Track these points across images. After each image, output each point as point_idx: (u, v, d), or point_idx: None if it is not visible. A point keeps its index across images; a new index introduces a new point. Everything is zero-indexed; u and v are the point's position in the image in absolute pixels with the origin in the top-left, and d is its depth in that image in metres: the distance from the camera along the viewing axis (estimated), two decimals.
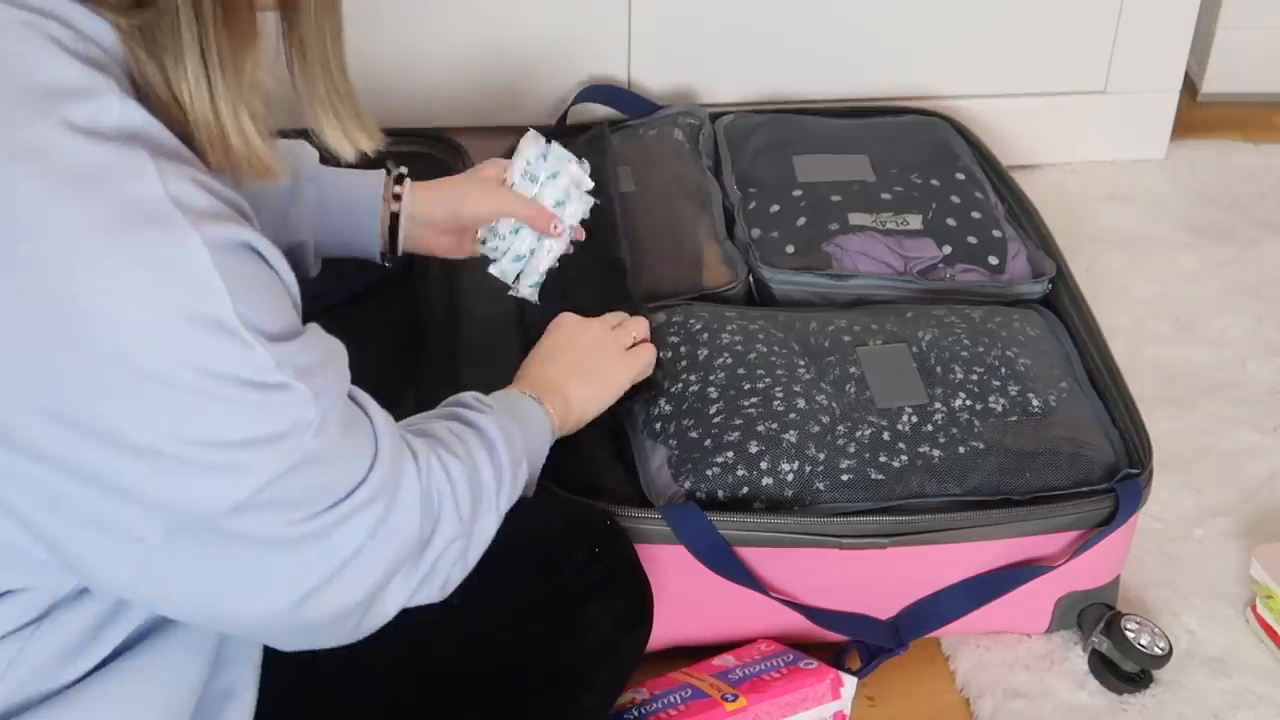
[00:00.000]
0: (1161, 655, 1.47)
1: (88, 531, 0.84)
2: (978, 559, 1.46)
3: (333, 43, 0.95)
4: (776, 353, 1.55)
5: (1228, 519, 1.70)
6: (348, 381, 0.94)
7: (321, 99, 0.96)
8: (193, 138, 0.87)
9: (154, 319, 0.80)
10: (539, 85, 2.07)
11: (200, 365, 0.81)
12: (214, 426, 0.83)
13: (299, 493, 0.88)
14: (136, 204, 0.80)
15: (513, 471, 1.12)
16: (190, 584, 0.89)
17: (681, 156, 1.90)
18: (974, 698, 1.49)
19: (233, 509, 0.85)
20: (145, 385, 0.80)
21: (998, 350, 1.57)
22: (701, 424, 1.47)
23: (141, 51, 0.85)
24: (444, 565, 1.02)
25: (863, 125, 1.97)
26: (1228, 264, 2.09)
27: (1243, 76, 2.41)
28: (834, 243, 1.74)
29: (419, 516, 0.98)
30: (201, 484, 0.84)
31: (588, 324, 1.40)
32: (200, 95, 0.86)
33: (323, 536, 0.91)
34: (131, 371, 0.80)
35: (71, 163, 0.80)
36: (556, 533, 1.25)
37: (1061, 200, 2.16)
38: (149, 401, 0.81)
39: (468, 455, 1.07)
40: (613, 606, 1.23)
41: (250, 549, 0.88)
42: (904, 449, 1.46)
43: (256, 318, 0.83)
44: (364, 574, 0.94)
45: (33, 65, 0.82)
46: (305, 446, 0.86)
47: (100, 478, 0.82)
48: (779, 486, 1.43)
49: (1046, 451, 1.47)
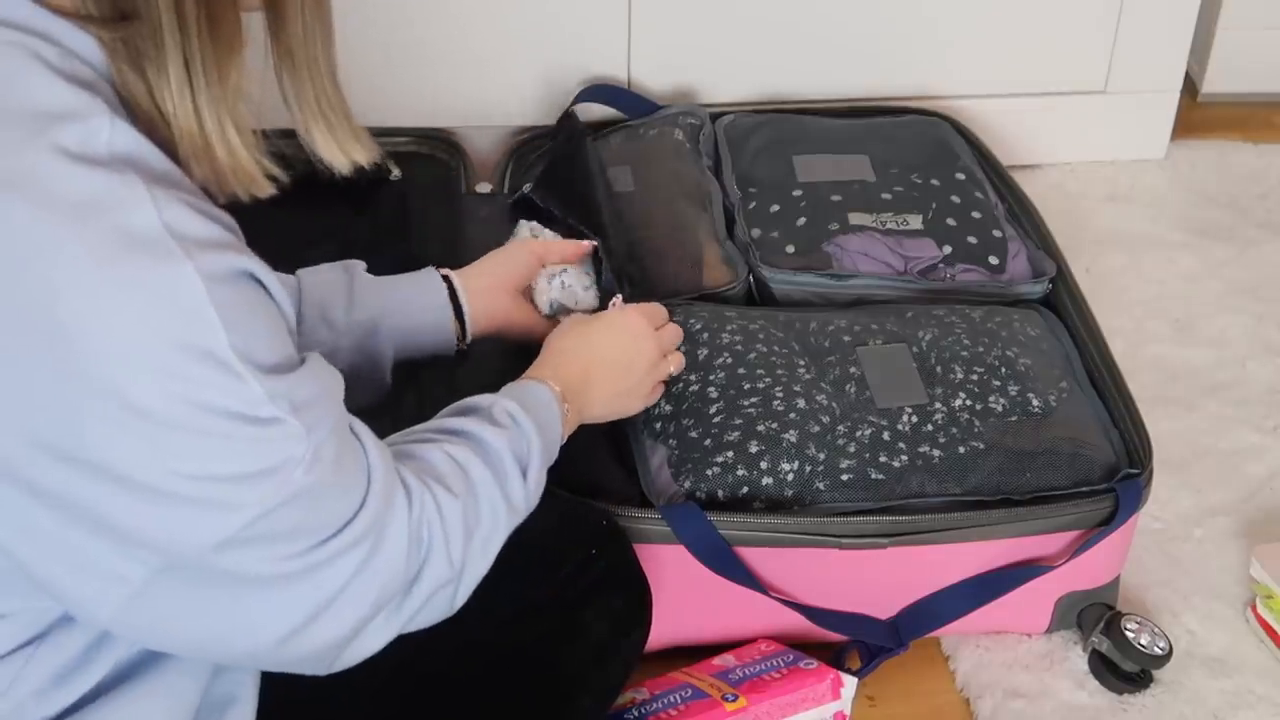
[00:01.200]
0: (1161, 655, 1.47)
1: (71, 569, 0.83)
2: (977, 559, 1.46)
3: (323, 49, 0.93)
4: (776, 352, 1.55)
5: (1228, 519, 1.70)
6: (343, 414, 0.92)
7: (311, 107, 0.94)
8: (176, 152, 0.86)
9: (145, 350, 0.79)
10: (539, 85, 2.07)
11: (191, 398, 0.80)
12: (203, 460, 0.82)
13: (287, 528, 0.87)
14: (130, 233, 0.79)
15: (526, 500, 1.09)
16: (173, 622, 0.87)
17: (682, 156, 1.90)
18: (974, 698, 1.49)
19: (220, 544, 0.84)
20: (135, 417, 0.79)
21: (998, 350, 1.57)
22: (701, 424, 1.47)
23: (125, 64, 0.84)
24: (431, 607, 1.00)
25: (863, 125, 1.97)
26: (1228, 264, 2.09)
27: (1243, 76, 2.41)
28: (834, 242, 1.74)
29: (404, 557, 0.96)
30: (188, 519, 0.82)
31: (639, 323, 1.36)
32: (184, 105, 0.85)
33: (310, 574, 0.89)
34: (122, 403, 0.79)
35: (64, 191, 0.78)
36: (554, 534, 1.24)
37: (1061, 200, 2.16)
38: (138, 433, 0.80)
39: (468, 490, 1.04)
40: (611, 608, 1.23)
41: (236, 587, 0.87)
42: (904, 449, 1.46)
43: (252, 350, 0.82)
44: (349, 611, 0.92)
45: (20, 87, 0.81)
46: (296, 482, 0.85)
47: (86, 511, 0.81)
48: (779, 486, 1.43)
49: (1046, 451, 1.47)
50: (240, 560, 0.85)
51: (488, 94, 2.07)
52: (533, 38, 2.05)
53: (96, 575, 0.83)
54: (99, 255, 0.78)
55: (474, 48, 2.05)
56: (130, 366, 0.79)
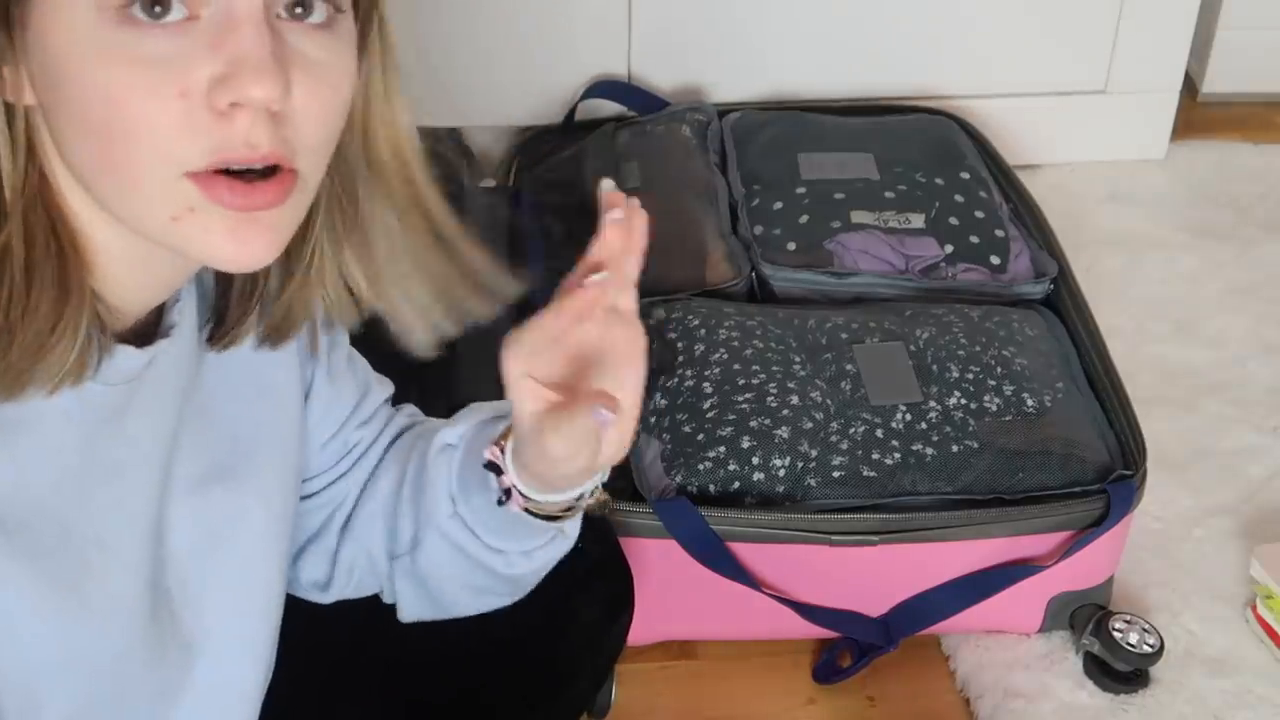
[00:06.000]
0: (1151, 653, 1.47)
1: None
2: (969, 558, 1.46)
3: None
4: (773, 349, 1.55)
5: (1228, 519, 1.70)
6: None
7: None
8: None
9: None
10: (544, 83, 2.07)
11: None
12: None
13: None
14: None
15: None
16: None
17: (689, 153, 1.90)
18: (974, 698, 1.49)
19: None
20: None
21: (995, 350, 1.57)
22: (695, 419, 1.47)
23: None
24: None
25: (868, 123, 1.97)
26: (1228, 264, 2.09)
27: (1243, 76, 2.41)
28: (835, 240, 1.74)
29: None
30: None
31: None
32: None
33: None
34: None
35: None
36: None
37: (1061, 200, 2.16)
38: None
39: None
40: (599, 597, 1.23)
41: None
42: (897, 446, 1.46)
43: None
44: None
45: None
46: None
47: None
48: (770, 482, 1.43)
49: (1040, 452, 1.47)
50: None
51: (492, 92, 2.07)
52: (534, 36, 2.05)
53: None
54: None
55: (476, 46, 2.05)
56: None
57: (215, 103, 0.71)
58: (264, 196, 0.74)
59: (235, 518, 0.93)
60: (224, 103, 0.71)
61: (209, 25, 0.72)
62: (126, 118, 0.72)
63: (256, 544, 0.94)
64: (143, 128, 0.72)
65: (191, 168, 0.73)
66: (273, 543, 0.96)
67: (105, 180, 0.75)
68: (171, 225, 0.75)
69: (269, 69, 0.72)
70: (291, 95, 0.73)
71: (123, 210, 0.76)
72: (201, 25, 0.72)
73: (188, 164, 0.73)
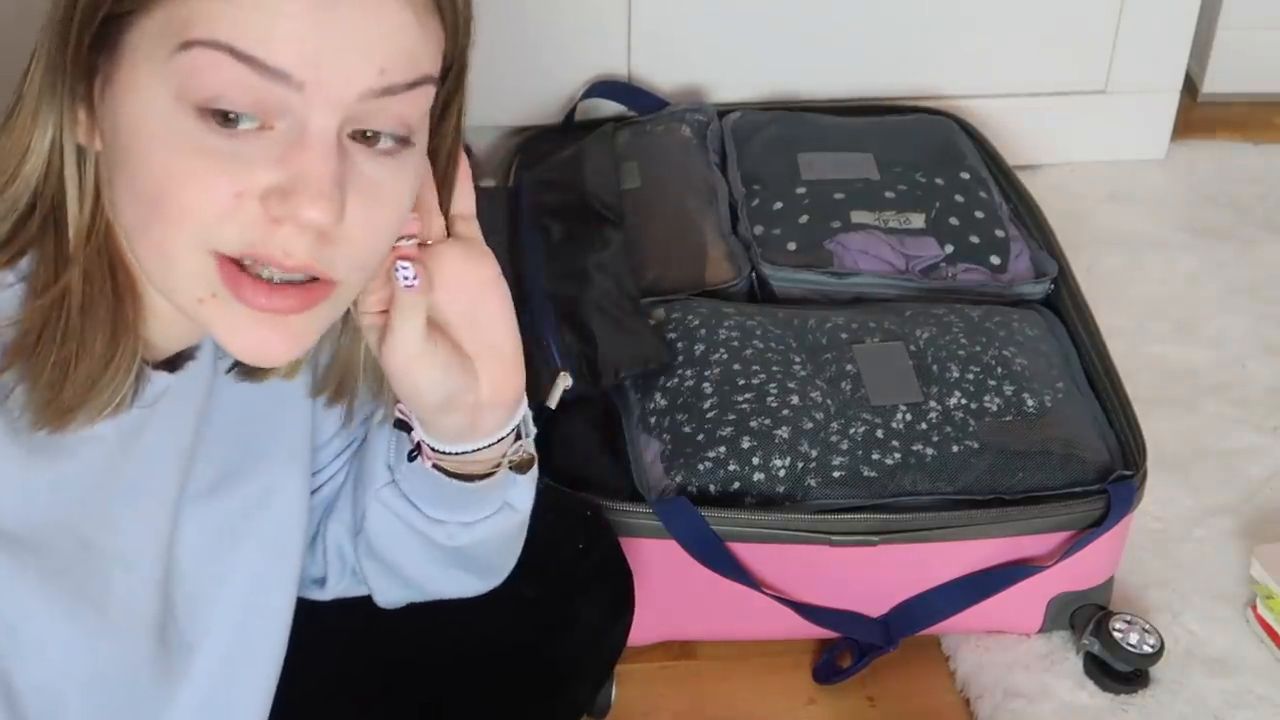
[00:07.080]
0: (1151, 653, 1.47)
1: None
2: (969, 558, 1.46)
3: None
4: (773, 349, 1.55)
5: (1228, 519, 1.70)
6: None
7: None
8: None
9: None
10: (544, 83, 2.07)
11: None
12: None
13: None
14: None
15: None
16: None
17: (689, 153, 1.90)
18: (974, 698, 1.49)
19: None
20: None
21: (995, 350, 1.57)
22: (695, 419, 1.47)
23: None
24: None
25: (869, 123, 1.97)
26: (1228, 264, 2.09)
27: (1243, 76, 2.41)
28: (835, 240, 1.74)
29: None
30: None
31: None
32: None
33: None
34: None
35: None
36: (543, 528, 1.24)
37: (1061, 200, 2.16)
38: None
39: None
40: (600, 598, 1.23)
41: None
42: (897, 446, 1.46)
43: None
44: None
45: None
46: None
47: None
48: (770, 482, 1.43)
49: (1040, 452, 1.47)
50: None
51: (492, 92, 2.06)
52: (535, 37, 2.05)
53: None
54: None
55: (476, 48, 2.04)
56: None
57: (269, 209, 0.72)
58: (285, 302, 0.75)
59: (244, 520, 0.93)
60: (278, 213, 0.72)
61: (280, 137, 0.72)
62: (178, 202, 0.73)
63: (268, 543, 0.95)
64: (190, 215, 0.73)
65: (222, 249, 0.73)
66: (286, 540, 0.96)
67: (143, 246, 0.76)
68: (198, 306, 0.76)
69: (327, 193, 0.72)
70: (344, 219, 0.74)
71: (155, 278, 0.77)
72: (274, 135, 0.72)
73: (221, 245, 0.73)
